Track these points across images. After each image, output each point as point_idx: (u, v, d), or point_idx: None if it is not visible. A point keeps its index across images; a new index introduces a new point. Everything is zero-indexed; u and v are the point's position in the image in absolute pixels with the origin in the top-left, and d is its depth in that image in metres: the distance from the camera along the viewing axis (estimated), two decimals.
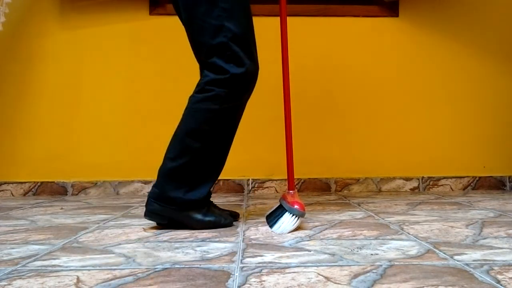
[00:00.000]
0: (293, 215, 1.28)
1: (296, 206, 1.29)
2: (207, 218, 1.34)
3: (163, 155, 1.43)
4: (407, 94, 2.37)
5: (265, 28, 2.29)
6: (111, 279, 0.84)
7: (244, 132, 2.30)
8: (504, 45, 2.39)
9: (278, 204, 1.40)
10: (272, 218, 1.35)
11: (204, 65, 1.37)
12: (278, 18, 1.96)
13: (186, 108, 1.39)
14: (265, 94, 2.27)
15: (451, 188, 2.35)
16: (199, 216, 1.33)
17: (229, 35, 1.29)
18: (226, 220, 1.37)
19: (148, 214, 1.35)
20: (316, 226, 1.35)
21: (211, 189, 1.41)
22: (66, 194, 2.28)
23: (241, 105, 1.38)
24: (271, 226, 1.32)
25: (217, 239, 1.19)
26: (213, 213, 1.37)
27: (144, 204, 1.37)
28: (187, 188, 1.33)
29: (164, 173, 1.36)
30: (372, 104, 2.36)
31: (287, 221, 1.28)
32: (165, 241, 1.17)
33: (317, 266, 0.91)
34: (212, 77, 1.32)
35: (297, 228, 1.30)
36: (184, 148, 1.34)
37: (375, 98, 2.37)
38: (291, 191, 1.40)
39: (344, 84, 2.35)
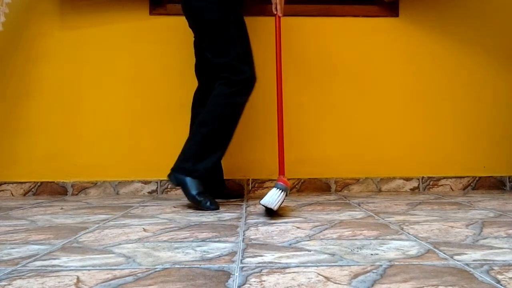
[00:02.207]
0: (277, 189, 1.54)
1: (280, 182, 1.56)
2: (198, 198, 1.72)
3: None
4: (407, 94, 2.36)
5: (264, 28, 2.29)
6: (111, 279, 0.84)
7: (244, 132, 2.30)
8: (504, 45, 2.39)
9: None
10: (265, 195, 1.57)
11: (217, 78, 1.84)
12: (275, 18, 1.95)
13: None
14: (265, 95, 2.27)
15: (451, 188, 2.35)
16: (194, 192, 1.72)
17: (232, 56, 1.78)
18: (211, 205, 1.71)
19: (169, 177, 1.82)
20: (316, 226, 1.35)
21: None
22: (66, 194, 2.28)
23: (243, 103, 1.82)
24: (260, 201, 1.53)
25: (217, 239, 1.19)
26: (205, 197, 1.73)
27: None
28: (194, 160, 1.77)
29: (181, 151, 1.82)
30: (372, 104, 2.36)
31: (272, 193, 1.53)
32: (165, 241, 1.18)
33: (317, 266, 0.91)
34: (222, 82, 1.80)
35: (297, 228, 1.30)
36: (195, 132, 1.81)
37: (375, 98, 2.36)
38: (280, 176, 1.66)
39: (344, 84, 2.35)
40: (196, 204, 1.73)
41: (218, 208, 1.72)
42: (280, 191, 1.54)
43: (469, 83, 2.38)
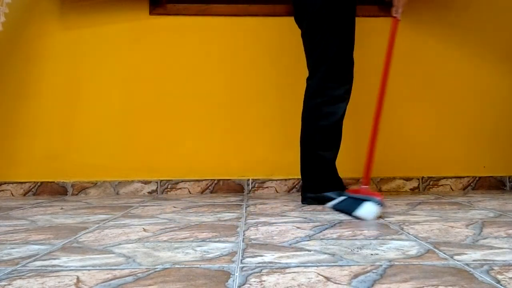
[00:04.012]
0: (376, 203, 1.49)
1: (378, 198, 1.51)
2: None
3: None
4: (407, 94, 2.36)
5: (264, 28, 2.30)
6: (111, 279, 0.84)
7: (244, 132, 2.30)
8: (504, 45, 2.39)
9: (345, 197, 1.64)
10: (351, 205, 1.53)
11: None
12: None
13: None
14: (265, 94, 2.27)
15: (451, 188, 2.35)
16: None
17: None
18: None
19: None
20: (316, 226, 1.35)
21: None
22: (66, 194, 2.28)
23: None
24: (353, 211, 1.50)
25: (217, 239, 1.19)
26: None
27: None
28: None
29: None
30: (372, 104, 2.36)
31: (371, 207, 1.48)
32: (165, 241, 1.18)
33: (317, 266, 0.91)
34: None
35: (297, 228, 1.31)
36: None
37: (375, 98, 2.36)
38: (366, 186, 1.64)
39: None
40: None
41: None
42: (379, 206, 1.49)
43: (469, 83, 2.38)
